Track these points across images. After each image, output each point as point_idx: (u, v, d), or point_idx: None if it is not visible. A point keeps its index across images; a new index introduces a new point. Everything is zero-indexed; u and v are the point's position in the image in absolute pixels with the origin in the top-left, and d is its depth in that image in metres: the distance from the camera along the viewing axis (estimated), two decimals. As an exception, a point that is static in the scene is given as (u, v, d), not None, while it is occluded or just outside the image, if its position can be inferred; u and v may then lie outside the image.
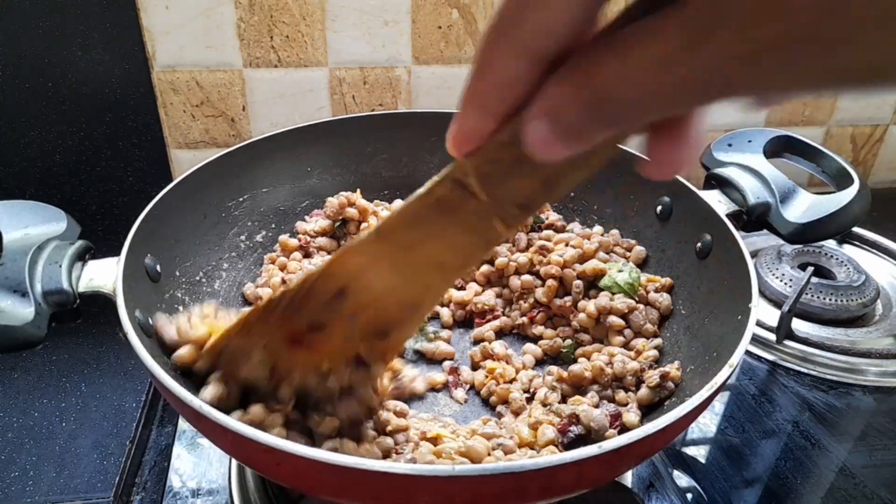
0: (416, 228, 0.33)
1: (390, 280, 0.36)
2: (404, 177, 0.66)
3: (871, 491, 0.50)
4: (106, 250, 0.45)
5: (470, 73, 0.25)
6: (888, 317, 0.68)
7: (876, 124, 0.91)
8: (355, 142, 0.65)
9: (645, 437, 0.32)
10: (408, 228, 0.33)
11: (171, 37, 0.71)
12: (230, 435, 0.32)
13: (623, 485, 0.50)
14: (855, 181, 0.56)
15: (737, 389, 0.59)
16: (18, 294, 0.40)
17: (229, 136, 0.77)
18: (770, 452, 0.53)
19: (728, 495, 0.49)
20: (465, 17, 0.74)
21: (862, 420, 0.57)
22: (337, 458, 0.30)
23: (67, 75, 0.70)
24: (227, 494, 0.48)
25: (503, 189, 0.29)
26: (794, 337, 0.63)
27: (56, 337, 0.41)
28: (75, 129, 0.73)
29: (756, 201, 0.55)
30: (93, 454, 0.50)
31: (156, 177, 0.77)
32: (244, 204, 0.60)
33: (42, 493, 0.48)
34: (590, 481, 0.34)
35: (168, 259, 0.50)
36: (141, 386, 0.57)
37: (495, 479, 0.30)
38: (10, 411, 0.54)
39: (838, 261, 0.71)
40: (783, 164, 0.59)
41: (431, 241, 0.33)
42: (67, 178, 0.75)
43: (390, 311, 0.38)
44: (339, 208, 0.60)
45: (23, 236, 0.43)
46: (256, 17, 0.71)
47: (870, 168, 0.95)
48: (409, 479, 0.30)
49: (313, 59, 0.74)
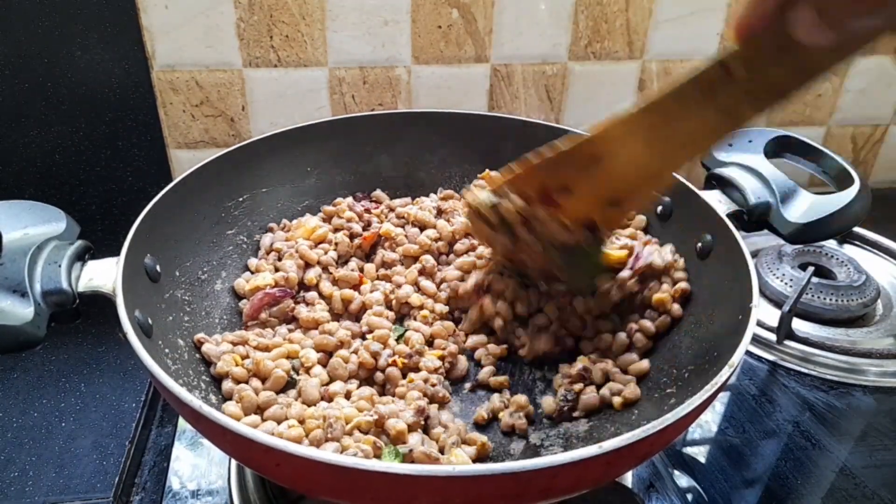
0: (680, 103, 0.38)
1: (642, 150, 0.41)
2: (404, 177, 0.66)
3: (871, 491, 0.50)
4: (105, 250, 0.45)
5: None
6: (888, 317, 0.68)
7: (876, 124, 0.91)
8: (355, 142, 0.65)
9: (645, 437, 0.32)
10: (672, 102, 0.38)
11: (170, 36, 0.70)
12: (229, 435, 0.32)
13: (623, 485, 0.50)
14: (855, 181, 0.56)
15: (737, 389, 0.59)
16: (18, 294, 0.40)
17: (229, 136, 0.77)
18: (770, 453, 0.53)
19: (728, 495, 0.49)
20: (465, 17, 0.74)
21: (862, 420, 0.57)
22: (337, 459, 0.30)
23: (67, 75, 0.70)
24: (226, 495, 0.48)
25: (762, 73, 0.34)
26: (795, 337, 0.63)
27: (56, 337, 0.41)
28: (75, 129, 0.73)
29: (756, 201, 0.55)
30: (92, 454, 0.50)
31: (155, 177, 0.77)
32: (244, 204, 0.60)
33: (41, 494, 0.48)
34: (590, 481, 0.34)
35: (168, 259, 0.50)
36: (140, 386, 0.57)
37: (495, 480, 0.30)
38: (9, 411, 0.54)
39: (839, 261, 0.71)
40: (783, 164, 0.59)
41: (689, 117, 0.38)
42: (67, 178, 0.75)
43: (630, 181, 0.44)
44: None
45: (22, 236, 0.43)
46: (256, 16, 0.71)
47: (870, 168, 0.95)
48: (408, 480, 0.30)
49: (313, 59, 0.74)
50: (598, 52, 0.78)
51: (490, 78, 0.78)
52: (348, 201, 0.63)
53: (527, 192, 0.47)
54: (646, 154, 0.42)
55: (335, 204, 0.63)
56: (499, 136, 0.64)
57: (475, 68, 0.77)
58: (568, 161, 0.45)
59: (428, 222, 0.61)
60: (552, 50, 0.78)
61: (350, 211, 0.62)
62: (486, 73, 0.78)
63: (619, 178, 0.44)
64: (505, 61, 0.78)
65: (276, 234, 0.60)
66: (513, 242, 0.50)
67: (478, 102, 0.80)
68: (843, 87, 0.86)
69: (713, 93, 0.36)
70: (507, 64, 0.78)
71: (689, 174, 0.55)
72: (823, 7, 0.28)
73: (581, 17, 0.76)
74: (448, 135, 0.65)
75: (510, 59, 0.78)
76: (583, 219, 0.47)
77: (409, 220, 0.61)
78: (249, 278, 0.56)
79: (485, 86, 0.79)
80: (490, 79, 0.78)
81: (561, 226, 0.47)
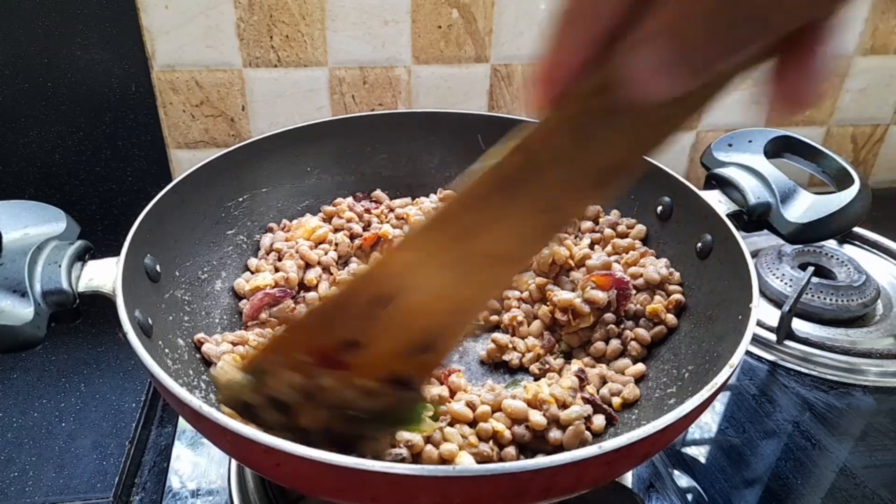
0: (478, 211, 0.30)
1: (441, 279, 0.32)
2: (404, 177, 0.66)
3: (871, 491, 0.49)
4: (105, 250, 0.45)
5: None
6: (888, 317, 0.68)
7: (876, 124, 0.91)
8: (355, 142, 0.65)
9: (645, 437, 0.32)
10: (468, 212, 0.30)
11: (170, 36, 0.70)
12: (229, 435, 0.32)
13: (623, 485, 0.50)
14: (855, 181, 0.56)
15: (737, 389, 0.59)
16: (18, 294, 0.40)
17: (229, 136, 0.77)
18: (770, 453, 0.53)
19: (728, 495, 0.49)
20: (465, 17, 0.74)
21: (862, 420, 0.57)
22: (337, 459, 0.30)
23: (67, 75, 0.70)
24: (226, 495, 0.48)
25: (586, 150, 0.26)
26: (795, 337, 0.62)
27: (55, 337, 0.41)
28: (75, 129, 0.73)
29: (756, 201, 0.55)
30: (92, 454, 0.50)
31: (155, 176, 0.77)
32: (244, 204, 0.60)
33: (41, 494, 0.48)
34: (590, 481, 0.34)
35: (168, 259, 0.50)
36: (140, 386, 0.57)
37: (495, 480, 0.30)
38: (9, 411, 0.54)
39: (839, 261, 0.71)
40: (783, 164, 0.59)
41: (494, 226, 0.30)
42: (67, 178, 0.75)
43: (437, 317, 0.34)
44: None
45: (22, 236, 0.43)
46: (256, 16, 0.71)
47: (870, 168, 0.95)
48: (408, 480, 0.30)
49: (313, 59, 0.74)
50: (598, 52, 0.78)
51: (490, 78, 0.78)
52: (348, 201, 0.63)
53: (298, 360, 0.35)
54: (451, 281, 0.32)
55: (335, 204, 0.63)
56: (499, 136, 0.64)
57: (475, 68, 0.77)
58: (343, 311, 0.34)
59: None
60: (552, 50, 0.78)
61: (350, 211, 0.62)
62: (486, 73, 0.78)
63: (422, 317, 0.34)
64: (505, 61, 0.78)
65: (276, 234, 0.60)
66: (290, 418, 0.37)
67: (478, 102, 0.80)
68: (843, 87, 0.86)
69: (523, 189, 0.28)
70: (507, 64, 0.78)
71: (688, 174, 0.55)
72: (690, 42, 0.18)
73: (581, 17, 0.76)
74: (448, 135, 0.65)
75: (510, 59, 0.78)
76: (387, 375, 0.36)
77: (409, 221, 0.61)
78: (249, 278, 0.56)
79: (485, 86, 0.79)
80: (490, 79, 0.78)
81: (360, 391, 0.36)
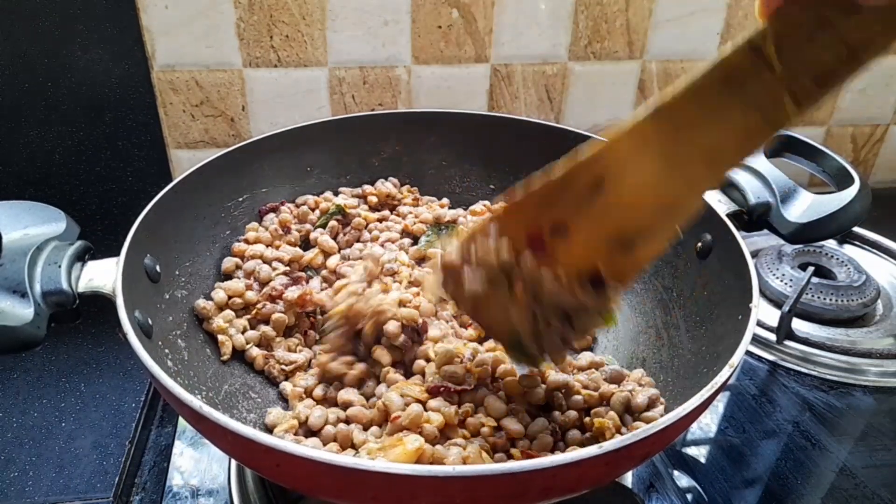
0: (698, 105, 0.30)
1: (653, 170, 0.33)
2: (404, 177, 0.66)
3: (871, 491, 0.49)
4: (105, 250, 0.45)
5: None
6: (888, 317, 0.68)
7: (876, 124, 0.91)
8: (355, 142, 0.65)
9: (645, 437, 0.32)
10: (689, 104, 0.30)
11: (170, 36, 0.70)
12: (229, 435, 0.32)
13: (623, 485, 0.50)
14: (855, 181, 0.56)
15: (737, 389, 0.59)
16: (18, 294, 0.40)
17: (229, 136, 0.77)
18: (770, 452, 0.53)
19: (728, 495, 0.49)
20: (465, 17, 0.74)
21: (862, 420, 0.57)
22: (337, 459, 0.30)
23: (67, 75, 0.70)
24: (226, 495, 0.48)
25: (802, 56, 0.27)
26: (795, 337, 0.62)
27: (55, 337, 0.41)
28: (75, 129, 0.72)
29: (756, 201, 0.55)
30: (92, 454, 0.50)
31: (155, 177, 0.77)
32: (244, 204, 0.60)
33: (41, 494, 0.48)
34: (590, 481, 0.34)
35: (168, 259, 0.50)
36: (140, 386, 0.57)
37: (495, 480, 0.30)
38: (9, 411, 0.54)
39: (839, 261, 0.71)
40: (783, 164, 0.59)
41: (710, 121, 0.30)
42: (67, 178, 0.75)
43: (643, 212, 0.34)
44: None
45: (22, 237, 0.43)
46: (256, 16, 0.71)
47: (870, 168, 0.95)
48: (408, 480, 0.30)
49: (313, 59, 0.74)
50: (598, 52, 0.78)
51: (490, 78, 0.78)
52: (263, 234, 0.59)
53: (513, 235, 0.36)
54: (661, 175, 0.33)
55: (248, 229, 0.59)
56: (499, 136, 0.64)
57: (475, 68, 0.77)
58: (560, 190, 0.35)
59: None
60: (552, 50, 0.78)
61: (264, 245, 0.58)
62: (486, 73, 0.78)
63: (627, 209, 0.34)
64: (505, 61, 0.78)
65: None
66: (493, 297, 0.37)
67: (478, 102, 0.80)
68: (843, 86, 0.86)
69: (741, 87, 0.29)
70: (507, 64, 0.78)
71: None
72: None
73: (581, 17, 0.76)
74: (448, 135, 0.65)
75: (510, 59, 0.78)
76: (583, 269, 0.36)
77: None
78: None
79: (485, 86, 0.79)
80: (490, 79, 0.78)
81: (556, 282, 0.36)
